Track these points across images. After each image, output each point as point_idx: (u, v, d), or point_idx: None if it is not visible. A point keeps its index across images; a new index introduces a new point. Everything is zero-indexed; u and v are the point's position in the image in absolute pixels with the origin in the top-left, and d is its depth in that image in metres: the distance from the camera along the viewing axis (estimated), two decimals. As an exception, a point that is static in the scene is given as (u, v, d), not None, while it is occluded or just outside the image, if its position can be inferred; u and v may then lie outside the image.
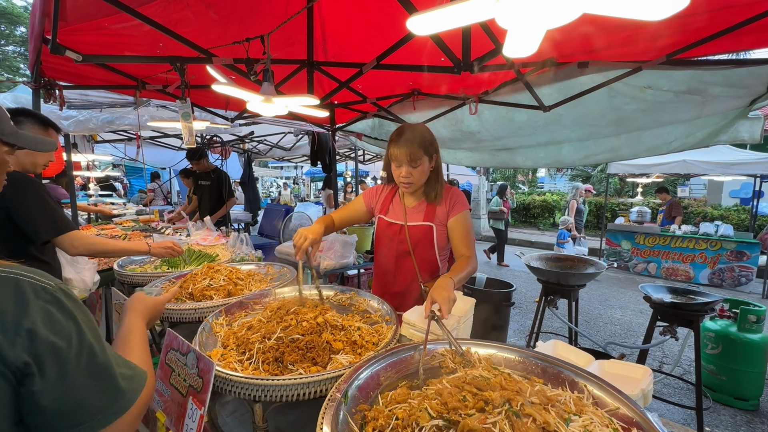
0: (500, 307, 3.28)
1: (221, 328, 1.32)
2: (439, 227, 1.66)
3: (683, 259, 7.24)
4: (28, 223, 1.62)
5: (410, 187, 1.63)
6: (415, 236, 1.68)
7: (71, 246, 1.70)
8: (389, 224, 1.74)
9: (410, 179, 1.60)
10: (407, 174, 1.59)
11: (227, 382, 0.98)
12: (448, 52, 1.62)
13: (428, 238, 1.66)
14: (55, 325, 0.54)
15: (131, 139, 5.29)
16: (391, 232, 1.73)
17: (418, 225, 1.67)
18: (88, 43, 2.19)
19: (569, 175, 19.80)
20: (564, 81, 2.46)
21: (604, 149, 3.24)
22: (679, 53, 1.95)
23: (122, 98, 2.96)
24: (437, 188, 1.65)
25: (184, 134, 2.18)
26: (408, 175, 1.59)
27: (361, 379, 0.96)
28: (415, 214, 1.70)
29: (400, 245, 1.70)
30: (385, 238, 1.76)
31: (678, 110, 2.50)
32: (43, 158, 1.83)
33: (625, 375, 1.08)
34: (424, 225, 1.66)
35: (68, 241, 1.69)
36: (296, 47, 2.49)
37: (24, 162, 1.72)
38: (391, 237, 1.73)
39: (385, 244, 1.76)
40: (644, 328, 4.68)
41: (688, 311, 2.35)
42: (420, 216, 1.68)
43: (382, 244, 1.78)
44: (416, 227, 1.67)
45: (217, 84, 1.37)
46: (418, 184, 1.64)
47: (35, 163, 1.77)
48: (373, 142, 4.68)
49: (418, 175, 1.59)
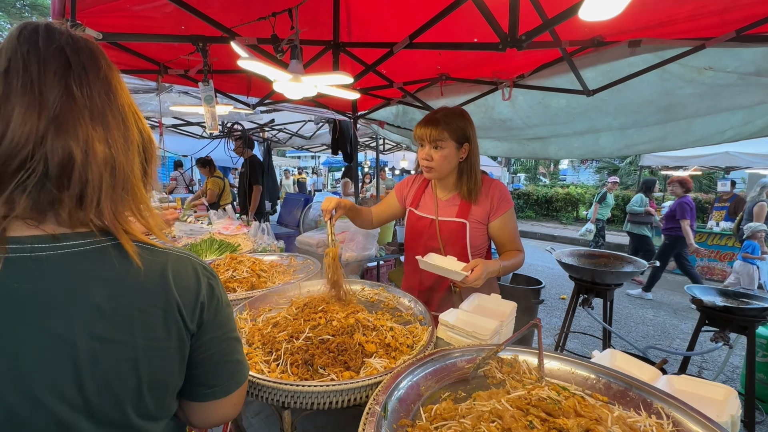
0: (529, 304, 3.13)
1: (245, 324, 1.24)
2: (473, 225, 1.52)
3: (720, 257, 6.82)
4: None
5: (431, 173, 1.50)
6: (446, 232, 1.55)
7: None
8: (419, 218, 1.62)
9: (431, 163, 1.47)
10: (427, 156, 1.46)
11: (254, 386, 0.90)
12: (494, 24, 1.45)
13: (460, 235, 1.53)
14: (213, 299, 0.64)
15: (154, 127, 5.33)
16: (420, 226, 1.61)
17: (450, 221, 1.54)
18: (109, 25, 2.13)
19: (594, 168, 19.04)
20: (610, 62, 2.25)
21: (648, 138, 2.99)
22: (752, 27, 1.72)
23: (144, 84, 2.93)
24: (470, 184, 1.49)
25: (207, 119, 2.11)
26: (428, 158, 1.46)
27: (402, 389, 0.86)
28: (447, 208, 1.57)
29: (429, 240, 1.58)
30: (415, 232, 1.64)
31: (740, 95, 2.25)
32: None
33: (703, 395, 0.94)
34: (456, 222, 1.53)
35: None
36: (320, 29, 2.36)
37: None
38: (420, 231, 1.61)
39: (414, 238, 1.65)
40: (679, 329, 4.44)
41: (744, 316, 2.15)
42: (453, 211, 1.54)
43: (412, 238, 1.67)
44: (448, 223, 1.54)
45: (242, 59, 1.27)
46: (441, 171, 1.49)
47: None
48: (396, 131, 4.53)
49: (439, 159, 1.45)
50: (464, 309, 1.27)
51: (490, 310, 1.31)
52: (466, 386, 0.94)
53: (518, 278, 3.74)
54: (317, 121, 5.64)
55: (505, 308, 1.30)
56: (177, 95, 3.21)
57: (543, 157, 3.96)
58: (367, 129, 4.92)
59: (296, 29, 1.39)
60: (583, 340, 3.96)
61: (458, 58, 2.66)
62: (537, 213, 13.88)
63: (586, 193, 13.39)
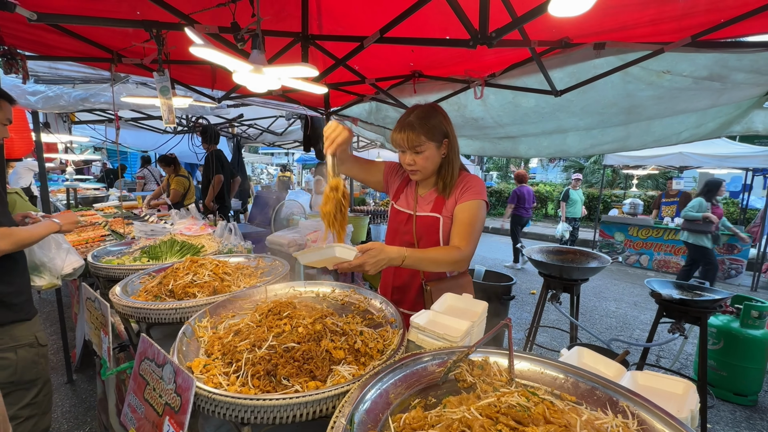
0: (500, 300, 3.18)
1: (205, 332, 1.16)
2: (446, 219, 1.51)
3: (675, 251, 7.29)
4: None
5: (417, 176, 1.49)
6: (421, 227, 1.54)
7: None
8: (398, 212, 1.61)
9: (415, 167, 1.46)
10: (411, 161, 1.45)
11: (210, 402, 0.83)
12: (465, 21, 1.43)
13: (434, 229, 1.52)
14: None
15: (112, 120, 4.98)
16: (398, 220, 1.60)
17: (425, 215, 1.53)
18: (53, 6, 1.94)
19: (561, 166, 19.83)
20: (577, 64, 2.31)
21: (612, 139, 3.12)
22: (707, 34, 1.80)
23: (97, 73, 2.70)
24: (447, 179, 1.49)
25: (163, 112, 1.96)
26: (412, 163, 1.45)
27: (369, 399, 0.82)
28: (424, 203, 1.56)
29: (405, 236, 1.57)
30: (393, 226, 1.64)
31: (694, 98, 2.37)
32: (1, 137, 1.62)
33: (664, 389, 0.96)
34: (430, 216, 1.52)
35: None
36: (289, 21, 2.26)
37: None
38: (397, 226, 1.60)
39: (392, 232, 1.64)
40: (639, 320, 4.69)
41: (697, 308, 2.28)
42: (429, 206, 1.53)
43: (390, 232, 1.66)
44: (423, 218, 1.53)
45: (194, 47, 1.17)
46: (426, 173, 1.48)
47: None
48: (370, 128, 4.48)
49: (423, 162, 1.44)
50: (435, 310, 1.25)
51: (462, 310, 1.30)
52: (437, 391, 0.91)
53: (489, 275, 3.81)
54: (289, 117, 5.48)
55: (476, 308, 1.29)
56: (134, 86, 3.00)
57: (513, 155, 4.04)
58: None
59: (258, 17, 1.31)
60: (551, 333, 4.09)
61: (431, 56, 2.64)
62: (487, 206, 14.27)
63: (554, 191, 13.91)
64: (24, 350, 1.59)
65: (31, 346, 1.62)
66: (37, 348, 1.65)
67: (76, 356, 3.10)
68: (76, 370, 3.09)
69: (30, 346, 1.61)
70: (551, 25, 1.95)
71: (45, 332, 1.75)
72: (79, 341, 3.02)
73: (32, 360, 1.62)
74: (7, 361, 1.53)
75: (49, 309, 4.38)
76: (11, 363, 1.54)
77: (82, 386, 2.96)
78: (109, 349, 1.32)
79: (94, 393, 2.78)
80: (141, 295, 1.46)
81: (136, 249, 2.22)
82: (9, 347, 1.54)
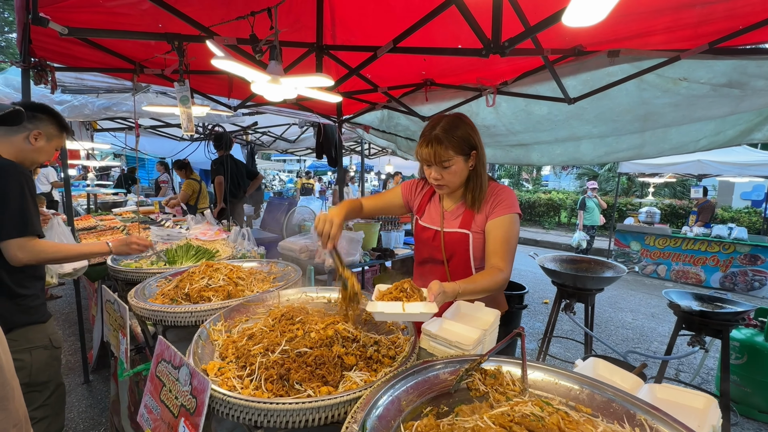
0: (512, 310, 3.14)
1: (219, 336, 1.18)
2: (476, 235, 1.45)
3: (694, 261, 7.07)
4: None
5: (444, 190, 1.44)
6: (450, 244, 1.48)
7: (18, 250, 1.46)
8: (423, 228, 1.56)
9: (442, 181, 1.40)
10: (437, 176, 1.39)
11: (224, 404, 0.85)
12: (477, 30, 1.45)
13: (464, 247, 1.46)
14: None
15: (132, 128, 5.15)
16: (425, 237, 1.55)
17: (453, 232, 1.48)
18: (81, 21, 2.03)
19: (575, 174, 19.53)
20: (591, 71, 2.29)
21: (627, 146, 3.07)
22: (725, 41, 1.78)
23: (120, 83, 2.81)
24: (475, 192, 1.42)
25: (183, 120, 2.03)
26: (439, 177, 1.39)
27: (381, 406, 0.82)
28: (452, 219, 1.50)
29: (433, 252, 1.53)
30: (419, 242, 1.60)
31: (713, 105, 2.32)
32: (43, 160, 1.70)
33: (684, 404, 0.93)
34: (459, 233, 1.46)
35: (16, 246, 1.46)
36: (304, 32, 2.33)
37: (24, 157, 1.60)
38: (424, 242, 1.56)
39: (419, 248, 1.62)
40: (657, 333, 4.55)
41: (719, 320, 2.20)
42: (457, 222, 1.48)
43: (418, 247, 1.64)
44: (451, 234, 1.48)
45: (216, 59, 1.22)
46: (454, 186, 1.43)
47: (33, 160, 1.65)
48: (381, 135, 4.51)
49: (450, 177, 1.38)
50: (447, 318, 1.25)
51: (474, 318, 1.29)
52: (449, 400, 0.91)
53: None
54: (302, 125, 5.57)
55: (488, 316, 1.28)
56: (154, 95, 3.10)
57: (526, 163, 4.02)
58: (353, 133, 4.89)
59: (275, 29, 1.35)
60: (565, 344, 4.01)
61: (443, 64, 2.66)
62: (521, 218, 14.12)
63: (567, 199, 13.71)
64: (38, 352, 1.62)
65: (45, 348, 1.65)
66: (51, 350, 1.69)
67: (93, 357, 3.17)
68: (93, 371, 3.15)
69: (44, 348, 1.65)
70: (564, 33, 1.95)
71: (60, 334, 1.79)
72: (96, 342, 3.09)
73: (46, 362, 1.65)
74: (22, 362, 1.56)
75: (68, 311, 4.50)
76: (26, 365, 1.58)
77: (98, 387, 3.02)
78: (127, 350, 1.35)
79: (109, 394, 2.84)
80: (158, 298, 1.50)
81: (153, 253, 2.27)
82: (24, 349, 1.58)
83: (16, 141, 1.55)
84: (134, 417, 1.70)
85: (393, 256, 3.60)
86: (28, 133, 1.56)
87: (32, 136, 1.57)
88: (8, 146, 1.54)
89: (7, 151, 1.54)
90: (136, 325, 1.63)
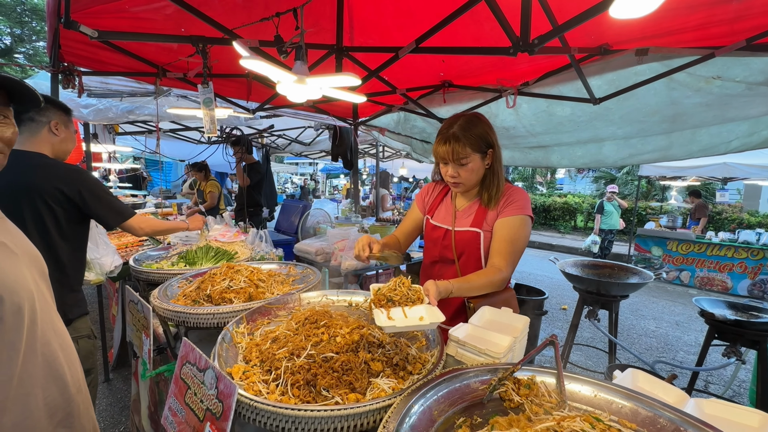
0: (531, 316, 3.05)
1: (242, 338, 1.17)
2: (487, 234, 1.44)
3: (720, 268, 6.80)
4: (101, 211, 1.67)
5: (460, 188, 1.44)
6: (461, 243, 1.47)
7: (139, 228, 1.81)
8: (434, 227, 1.55)
9: (458, 179, 1.41)
10: (454, 174, 1.39)
11: (251, 409, 0.83)
12: (507, 28, 1.41)
13: (474, 245, 1.45)
14: None
15: (152, 131, 5.27)
16: (435, 236, 1.54)
17: (464, 231, 1.47)
18: (107, 26, 2.08)
19: (591, 177, 19.09)
20: (617, 71, 2.22)
21: (653, 148, 2.97)
22: (764, 36, 1.70)
23: (143, 87, 2.87)
24: (492, 191, 1.41)
25: (206, 122, 2.05)
26: (455, 175, 1.40)
27: (414, 414, 0.79)
28: (464, 217, 1.50)
29: (444, 251, 1.51)
30: (429, 242, 1.58)
31: (748, 105, 2.22)
32: (73, 147, 1.74)
33: (736, 421, 0.87)
34: (470, 231, 1.45)
35: (136, 224, 1.79)
36: (323, 35, 2.33)
37: (57, 150, 1.64)
38: (434, 241, 1.54)
39: (429, 248, 1.59)
40: (683, 341, 4.37)
41: (755, 330, 2.09)
42: (468, 220, 1.47)
43: (427, 247, 1.61)
44: (462, 233, 1.47)
45: (244, 59, 1.22)
46: (470, 185, 1.43)
47: (66, 151, 1.70)
48: (397, 138, 4.50)
49: (467, 174, 1.39)
50: (473, 323, 1.21)
51: (502, 324, 1.24)
52: (481, 410, 0.87)
53: (520, 289, 3.67)
54: (317, 128, 5.60)
55: (517, 323, 1.23)
56: (176, 99, 3.16)
57: (545, 165, 3.93)
58: (368, 136, 4.88)
59: (301, 29, 1.34)
60: (586, 352, 3.89)
61: (462, 65, 2.63)
62: (535, 221, 13.88)
63: (584, 203, 13.42)
64: (84, 341, 1.72)
65: (89, 338, 1.76)
66: (93, 340, 1.80)
67: (113, 356, 3.22)
68: (113, 369, 3.20)
69: (88, 338, 1.75)
70: (591, 31, 1.90)
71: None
72: (117, 341, 3.14)
73: (89, 350, 1.74)
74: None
75: (89, 309, 4.59)
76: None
77: (118, 386, 3.06)
78: (150, 351, 1.35)
79: (129, 393, 2.87)
80: (180, 300, 1.50)
81: (173, 254, 2.29)
82: (72, 338, 1.64)
83: (43, 138, 1.59)
84: (154, 417, 1.71)
85: (409, 259, 3.56)
86: (47, 126, 1.59)
87: (53, 126, 1.60)
88: (43, 144, 1.58)
89: (47, 150, 1.58)
90: (158, 325, 1.64)
